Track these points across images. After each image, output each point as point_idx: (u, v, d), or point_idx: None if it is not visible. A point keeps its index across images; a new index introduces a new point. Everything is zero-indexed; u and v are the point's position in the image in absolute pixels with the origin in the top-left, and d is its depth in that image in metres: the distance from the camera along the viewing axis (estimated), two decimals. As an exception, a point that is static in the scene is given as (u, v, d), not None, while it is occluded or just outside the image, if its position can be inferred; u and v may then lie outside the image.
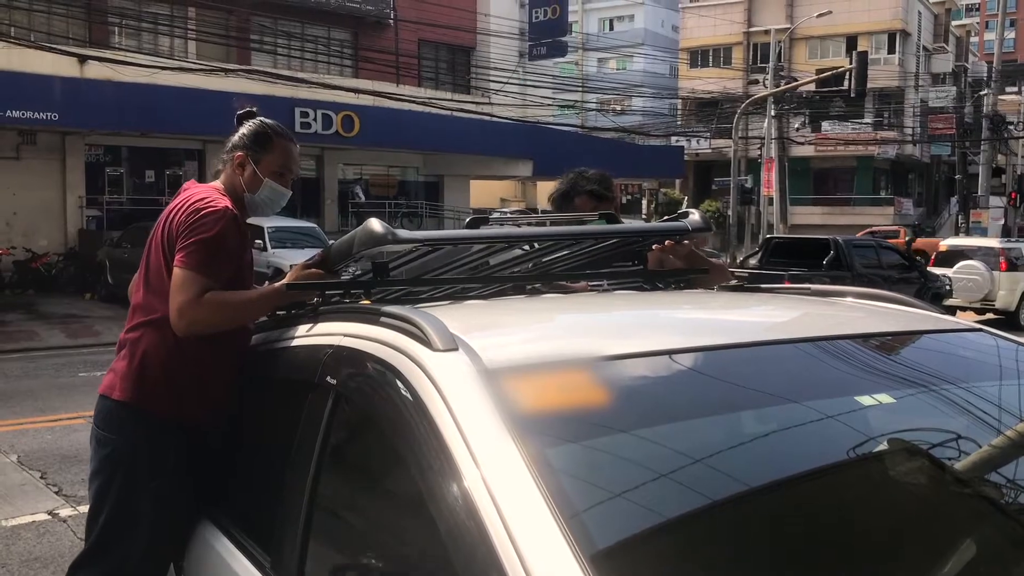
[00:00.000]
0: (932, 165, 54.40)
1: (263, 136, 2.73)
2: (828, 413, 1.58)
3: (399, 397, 1.53)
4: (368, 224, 2.14)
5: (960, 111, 44.30)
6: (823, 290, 2.32)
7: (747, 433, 1.57)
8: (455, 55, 30.28)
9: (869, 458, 1.56)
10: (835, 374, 1.71)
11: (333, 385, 1.79)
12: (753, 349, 1.72)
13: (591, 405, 1.51)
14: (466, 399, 1.41)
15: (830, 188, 47.41)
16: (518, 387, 1.46)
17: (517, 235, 2.49)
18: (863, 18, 44.62)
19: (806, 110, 41.86)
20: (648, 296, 2.42)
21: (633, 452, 1.42)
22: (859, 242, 16.64)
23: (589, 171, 3.38)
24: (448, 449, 1.34)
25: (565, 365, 1.59)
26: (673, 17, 57.63)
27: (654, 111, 39.94)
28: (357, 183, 27.80)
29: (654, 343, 1.70)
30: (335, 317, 2.05)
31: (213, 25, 23.51)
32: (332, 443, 1.77)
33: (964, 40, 55.74)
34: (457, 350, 1.53)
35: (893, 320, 2.02)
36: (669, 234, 2.62)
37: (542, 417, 1.44)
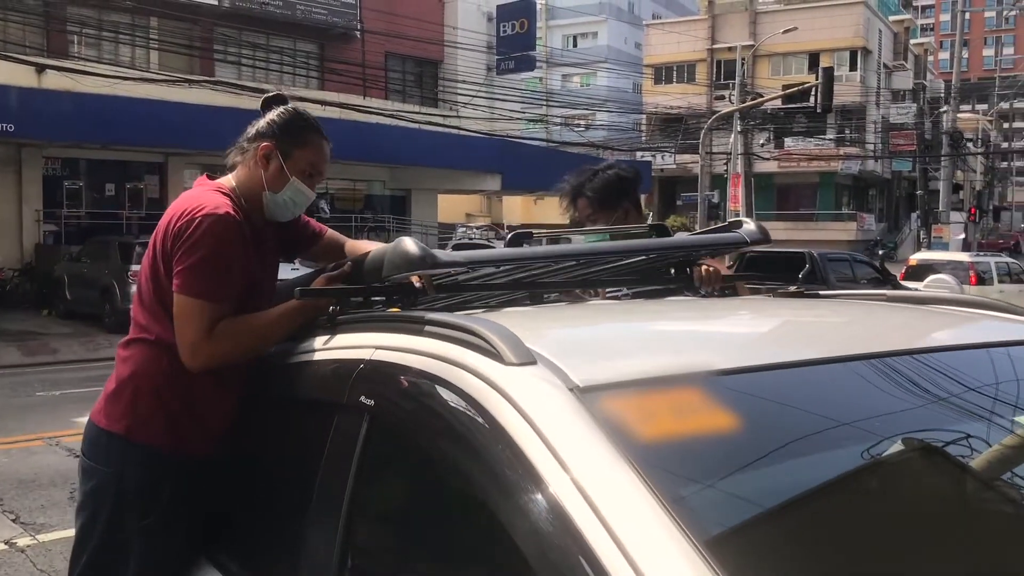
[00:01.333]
0: (893, 181, 55.16)
1: (297, 127, 2.34)
2: (992, 436, 1.34)
3: (464, 420, 1.26)
4: (401, 244, 1.82)
5: (920, 127, 44.98)
6: (905, 296, 2.08)
7: (912, 464, 1.32)
8: (423, 68, 30.04)
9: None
10: (991, 388, 1.48)
11: (368, 407, 1.51)
12: (879, 361, 1.47)
13: (716, 431, 1.24)
14: (561, 423, 1.14)
15: (793, 204, 47.79)
16: (622, 409, 1.19)
17: (565, 253, 2.21)
18: (825, 35, 45.16)
19: (770, 126, 42.20)
20: (715, 303, 2.17)
21: (788, 490, 1.16)
22: (833, 255, 16.64)
23: (608, 171, 3.13)
24: (547, 487, 1.07)
25: (673, 382, 1.32)
26: (636, 34, 57.98)
27: (619, 126, 39.98)
28: (322, 197, 27.37)
29: (769, 355, 1.44)
30: (362, 327, 1.77)
31: (176, 35, 23.04)
32: (369, 476, 1.48)
33: (923, 58, 56.72)
34: (536, 364, 1.26)
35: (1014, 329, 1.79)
36: (724, 247, 2.38)
37: (661, 447, 1.17)
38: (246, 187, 2.31)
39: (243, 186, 2.31)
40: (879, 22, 49.35)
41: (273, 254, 2.39)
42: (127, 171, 23.22)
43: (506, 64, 29.22)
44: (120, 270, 16.26)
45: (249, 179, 2.31)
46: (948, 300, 2.01)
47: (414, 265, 1.79)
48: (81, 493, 2.23)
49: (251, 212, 2.28)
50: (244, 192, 2.30)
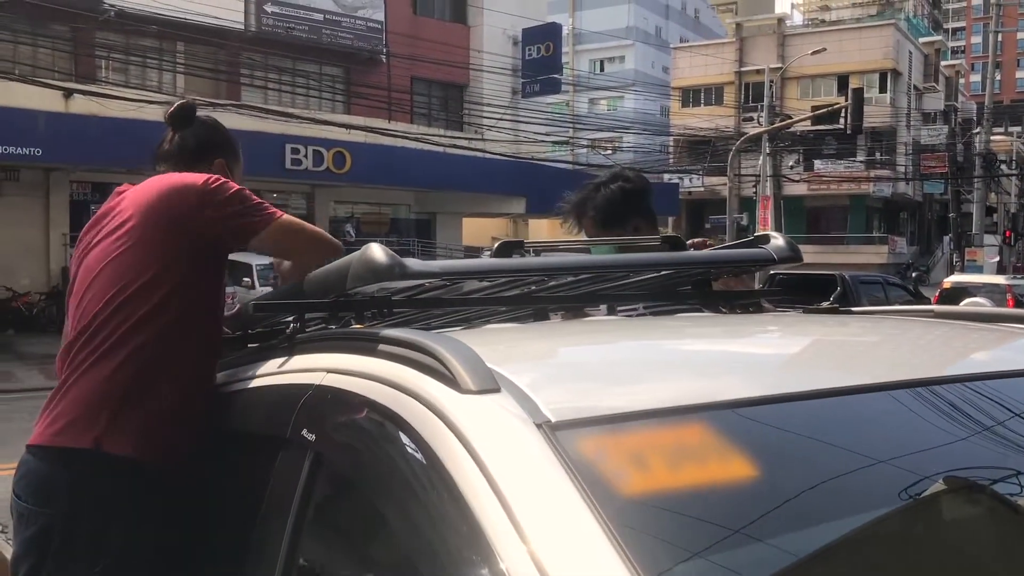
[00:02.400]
0: (924, 203, 54.33)
1: (233, 142, 2.39)
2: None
3: (409, 462, 1.01)
4: (368, 252, 1.59)
5: (952, 149, 44.31)
6: (955, 312, 1.80)
7: (982, 527, 1.05)
8: (448, 92, 29.99)
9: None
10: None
11: (311, 442, 1.26)
12: (929, 389, 1.20)
13: (729, 483, 0.97)
14: (521, 470, 0.88)
15: (823, 227, 47.16)
16: (605, 453, 0.93)
17: (558, 266, 1.94)
18: (855, 57, 44.71)
19: (799, 148, 41.75)
20: (736, 321, 1.88)
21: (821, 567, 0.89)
22: (865, 278, 16.23)
23: (611, 185, 2.85)
24: (497, 560, 0.82)
25: (674, 417, 1.04)
26: (663, 58, 57.80)
27: (646, 149, 39.71)
28: (348, 221, 27.34)
29: (798, 382, 1.18)
30: (317, 347, 1.52)
31: (203, 59, 23.15)
32: (308, 526, 1.23)
33: (954, 80, 56.01)
34: (499, 391, 1.01)
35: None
36: (750, 263, 2.08)
37: (654, 505, 0.90)
38: None
39: None
40: (909, 44, 48.82)
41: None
42: (153, 195, 23.28)
43: (532, 87, 29.07)
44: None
45: None
46: (1003, 316, 1.73)
47: (381, 275, 1.53)
48: (19, 543, 1.94)
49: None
50: None
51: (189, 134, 2.32)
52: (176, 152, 2.31)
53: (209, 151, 2.32)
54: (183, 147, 2.31)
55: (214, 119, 2.43)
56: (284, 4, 24.79)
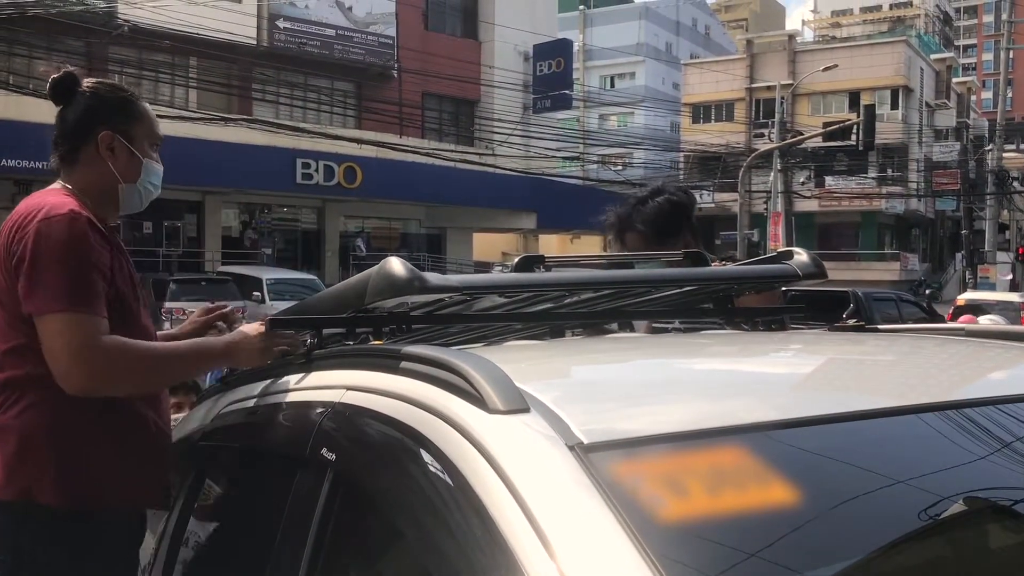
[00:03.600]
0: (936, 220, 54.13)
1: (123, 101, 2.00)
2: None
3: (435, 485, 0.98)
4: (387, 266, 1.56)
5: (964, 166, 44.16)
6: (987, 331, 1.75)
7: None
8: (459, 107, 30.07)
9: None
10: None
11: (330, 462, 1.23)
12: (973, 411, 1.16)
13: (770, 508, 0.94)
14: (553, 493, 0.85)
15: (834, 243, 46.95)
16: (640, 476, 0.90)
17: (581, 281, 1.89)
18: (866, 74, 44.65)
19: (811, 164, 41.69)
20: (763, 339, 1.84)
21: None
22: (879, 295, 16.13)
23: (658, 198, 2.74)
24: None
25: (711, 439, 1.01)
26: (674, 74, 57.87)
27: (657, 164, 39.71)
28: (359, 235, 27.41)
29: (836, 403, 1.14)
30: (336, 364, 1.49)
31: (215, 74, 23.27)
32: (327, 545, 1.20)
33: (965, 97, 55.90)
34: (528, 411, 0.97)
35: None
36: (773, 279, 2.04)
37: (692, 530, 0.87)
38: (89, 185, 1.96)
39: (86, 186, 1.96)
40: (920, 61, 48.76)
41: (129, 263, 2.01)
42: (165, 209, 23.35)
43: (542, 103, 29.14)
44: (154, 307, 16.32)
45: (93, 176, 1.96)
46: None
47: (401, 289, 1.50)
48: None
49: (97, 213, 1.92)
50: (87, 192, 1.95)
51: (70, 112, 1.97)
52: (57, 137, 1.98)
53: (89, 125, 1.95)
54: (62, 128, 1.98)
55: (103, 83, 2.06)
56: (296, 20, 24.93)
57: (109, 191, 1.98)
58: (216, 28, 21.47)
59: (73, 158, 1.97)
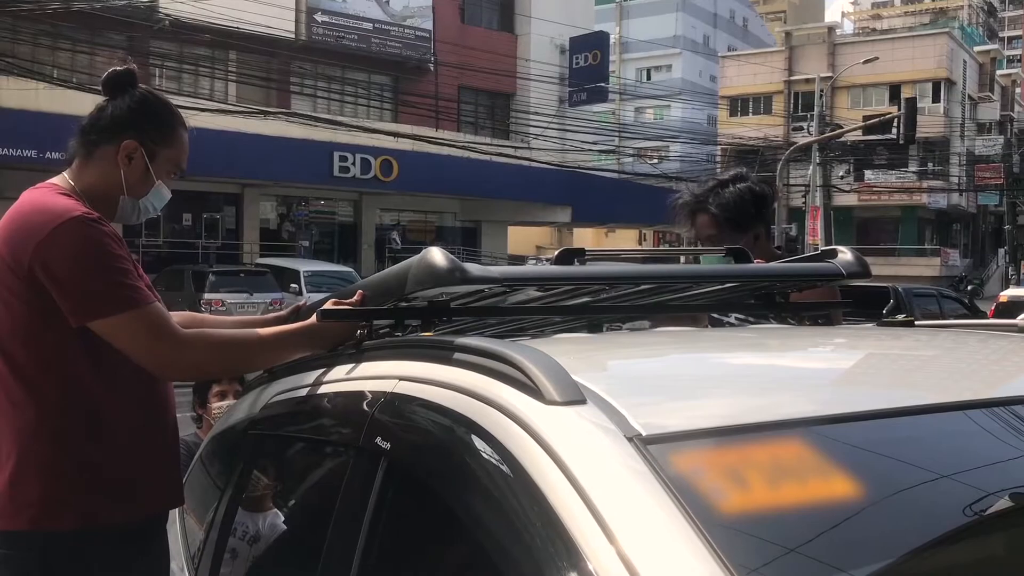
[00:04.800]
0: (979, 215, 53.26)
1: (165, 121, 1.94)
2: None
3: (491, 473, 0.99)
4: (428, 256, 1.56)
5: (1008, 160, 43.42)
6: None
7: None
8: (495, 100, 30.08)
9: None
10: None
11: (384, 450, 1.24)
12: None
13: (833, 501, 0.94)
14: (614, 483, 0.86)
15: (873, 238, 46.39)
16: (701, 467, 0.91)
17: (622, 275, 1.88)
18: (907, 66, 44.00)
19: (850, 158, 41.19)
20: (813, 333, 1.83)
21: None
22: (919, 290, 15.91)
23: (739, 183, 2.65)
24: (588, 566, 0.79)
25: (771, 432, 1.01)
26: (711, 67, 57.42)
27: (693, 158, 39.45)
28: (394, 228, 27.55)
29: (894, 398, 1.14)
30: (387, 354, 1.51)
31: (254, 68, 23.48)
32: (381, 532, 1.22)
33: (1010, 90, 54.87)
34: (585, 403, 0.98)
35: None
36: (817, 278, 2.00)
37: (754, 522, 0.87)
38: (93, 187, 1.87)
39: (89, 186, 1.87)
40: (964, 53, 47.92)
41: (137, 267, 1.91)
42: (204, 202, 23.64)
43: (578, 96, 29.04)
44: (193, 298, 16.52)
45: (100, 178, 1.88)
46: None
47: (442, 279, 1.50)
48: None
49: (101, 215, 1.84)
50: (89, 193, 1.86)
51: (112, 106, 1.91)
52: (86, 126, 1.91)
53: (121, 127, 1.88)
54: (96, 121, 1.90)
55: (158, 94, 2.02)
56: (334, 13, 25.07)
57: (110, 197, 1.90)
58: (255, 22, 21.66)
59: (90, 152, 1.89)
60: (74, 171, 1.90)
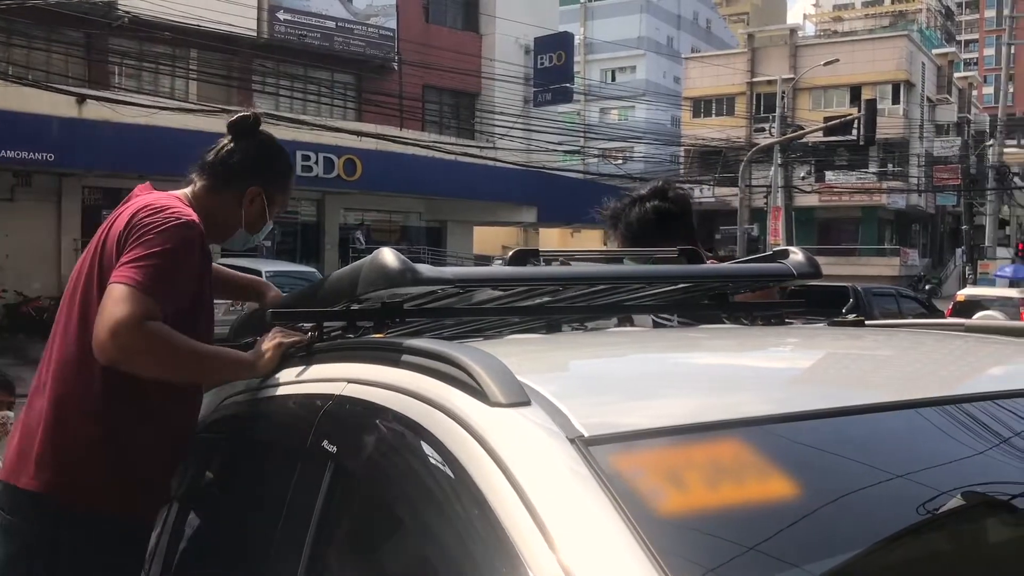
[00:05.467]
0: (937, 216, 54.12)
1: (283, 171, 2.26)
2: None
3: (436, 476, 0.98)
4: (379, 257, 1.56)
5: (965, 161, 44.18)
6: (988, 327, 1.76)
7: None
8: (460, 100, 30.03)
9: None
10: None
11: (331, 454, 1.23)
12: (973, 406, 1.17)
13: (770, 501, 0.94)
14: (553, 483, 0.86)
15: (834, 238, 46.99)
16: (640, 469, 0.91)
17: (574, 276, 1.90)
18: (867, 68, 44.60)
19: (811, 159, 41.67)
20: (762, 333, 1.84)
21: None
22: (878, 290, 16.15)
23: (647, 203, 2.69)
24: (528, 572, 0.79)
25: (711, 432, 1.02)
26: (675, 68, 57.80)
27: (657, 159, 39.70)
28: (358, 228, 27.39)
29: (836, 397, 1.15)
30: (336, 356, 1.50)
31: (215, 66, 23.23)
32: (328, 534, 1.21)
33: (967, 92, 55.84)
34: (529, 404, 0.98)
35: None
36: (768, 279, 2.04)
37: (692, 522, 0.88)
38: (214, 214, 2.12)
39: (210, 211, 2.11)
40: (922, 55, 48.69)
41: (211, 277, 2.15)
42: (165, 201, 23.36)
43: (543, 96, 29.09)
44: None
45: (222, 211, 2.15)
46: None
47: (393, 280, 1.50)
48: (3, 556, 1.90)
49: (205, 231, 2.07)
50: (208, 215, 2.09)
51: (238, 149, 2.16)
52: (213, 164, 2.16)
53: (246, 175, 2.15)
54: (223, 162, 2.15)
55: (276, 141, 2.28)
56: (297, 11, 24.87)
57: (228, 228, 2.18)
58: (217, 20, 21.43)
59: (216, 188, 2.13)
60: (197, 193, 2.14)
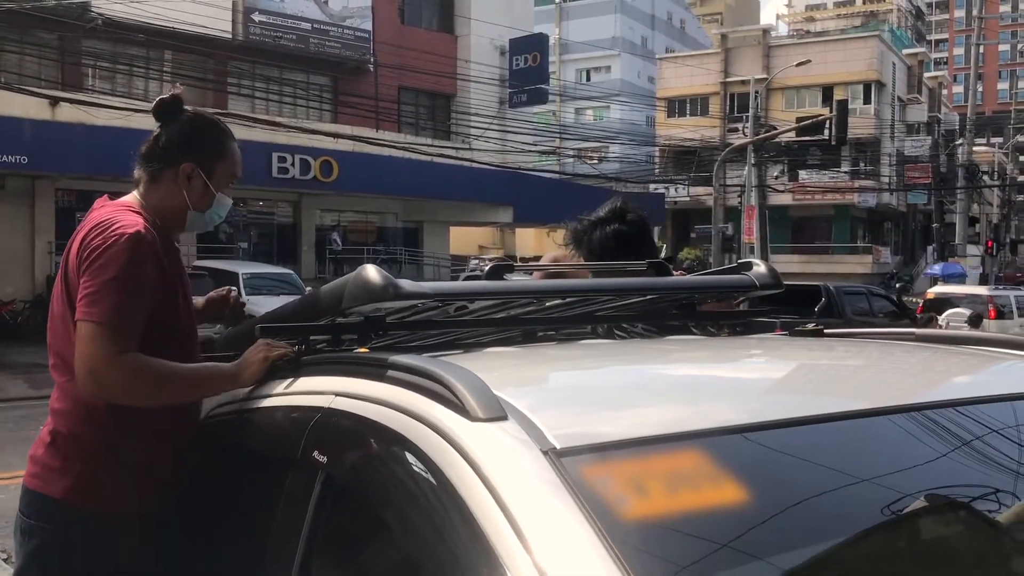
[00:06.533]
0: (908, 214, 54.74)
1: (215, 140, 2.18)
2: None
3: (422, 487, 1.07)
4: (363, 273, 1.65)
5: (935, 160, 44.73)
6: (936, 336, 1.87)
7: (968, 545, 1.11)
8: (435, 101, 30.07)
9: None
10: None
11: (322, 464, 1.32)
12: (920, 415, 1.27)
13: (726, 508, 1.04)
14: (528, 494, 0.95)
15: (808, 236, 47.44)
16: (605, 479, 1.00)
17: (548, 289, 2.03)
18: (839, 68, 45.05)
19: (784, 159, 42.02)
20: (725, 344, 1.95)
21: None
22: (850, 289, 16.37)
23: (608, 227, 2.75)
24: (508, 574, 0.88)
25: (673, 444, 1.11)
26: (649, 68, 58.10)
27: (632, 159, 39.90)
28: (335, 229, 27.36)
29: (792, 408, 1.24)
30: (323, 370, 1.59)
31: (190, 68, 23.13)
32: (319, 542, 1.29)
33: (937, 91, 56.50)
34: (506, 419, 1.07)
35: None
36: (731, 290, 2.16)
37: (654, 529, 0.97)
38: (161, 206, 2.12)
39: (158, 205, 2.12)
40: (893, 56, 49.23)
41: (184, 277, 2.19)
42: (140, 203, 23.23)
43: (519, 97, 29.19)
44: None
45: (166, 198, 2.13)
46: (982, 340, 1.80)
47: (376, 295, 1.59)
48: (21, 556, 2.00)
49: (164, 230, 2.11)
50: (158, 210, 2.11)
51: (165, 133, 2.14)
52: (145, 153, 2.15)
53: (177, 153, 2.11)
54: (152, 148, 2.14)
55: (205, 114, 2.26)
56: (272, 13, 24.82)
57: (178, 214, 2.14)
58: (191, 22, 21.34)
59: (154, 177, 2.11)
60: (142, 192, 2.13)
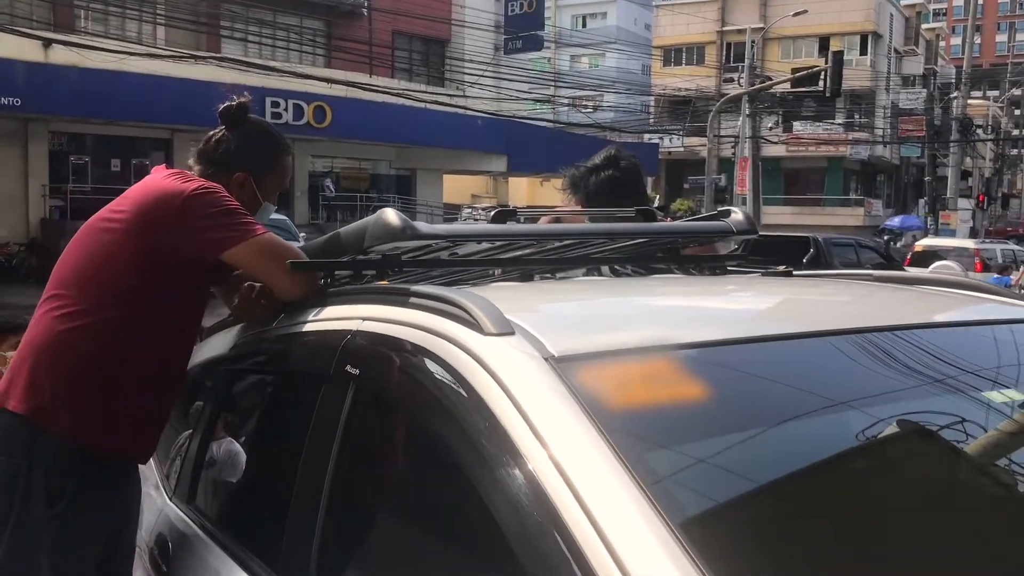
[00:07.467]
0: (901, 167, 54.88)
1: (271, 153, 2.34)
2: (950, 409, 1.36)
3: (445, 390, 1.29)
4: (383, 215, 1.88)
5: (930, 113, 44.71)
6: (895, 276, 2.10)
7: (864, 434, 1.34)
8: (429, 47, 29.93)
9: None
10: (953, 365, 1.49)
11: (354, 376, 1.54)
12: (864, 337, 1.49)
13: (692, 403, 1.28)
14: (536, 392, 1.17)
15: (801, 188, 47.64)
16: (593, 378, 1.23)
17: (547, 232, 2.26)
18: (835, 19, 44.83)
19: (779, 110, 41.98)
20: (702, 282, 2.20)
21: (742, 456, 1.20)
22: (838, 240, 16.59)
23: (604, 172, 2.95)
24: (524, 460, 1.11)
25: (649, 353, 1.35)
26: (646, 15, 57.60)
27: (627, 108, 39.83)
28: (328, 176, 27.41)
29: (750, 329, 1.48)
30: (349, 299, 1.80)
31: (183, 11, 22.98)
32: (352, 441, 1.52)
33: (934, 43, 56.18)
34: (514, 334, 1.29)
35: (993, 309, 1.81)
36: (709, 235, 2.39)
37: (627, 413, 1.21)
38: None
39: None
40: (890, 6, 48.96)
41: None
42: (133, 147, 23.23)
43: (514, 44, 29.07)
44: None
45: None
46: (939, 281, 2.02)
47: (395, 236, 1.83)
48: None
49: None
50: None
51: (227, 139, 2.29)
52: (204, 152, 2.30)
53: (233, 163, 2.26)
54: (212, 151, 2.29)
55: (265, 125, 2.41)
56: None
57: None
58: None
59: (210, 176, 2.23)
60: (200, 173, 2.25)
